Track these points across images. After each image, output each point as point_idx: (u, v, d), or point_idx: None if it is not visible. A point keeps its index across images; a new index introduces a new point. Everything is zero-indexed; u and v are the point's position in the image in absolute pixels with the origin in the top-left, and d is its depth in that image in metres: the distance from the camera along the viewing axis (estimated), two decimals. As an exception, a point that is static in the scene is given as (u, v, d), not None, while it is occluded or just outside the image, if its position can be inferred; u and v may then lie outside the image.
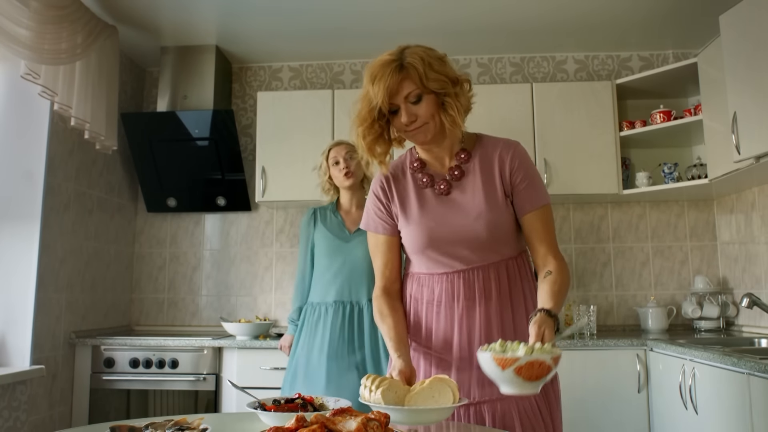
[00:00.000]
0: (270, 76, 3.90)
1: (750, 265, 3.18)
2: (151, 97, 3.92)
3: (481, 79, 3.78)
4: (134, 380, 3.08)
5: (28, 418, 2.72)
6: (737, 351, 2.31)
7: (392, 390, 1.55)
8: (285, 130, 3.43)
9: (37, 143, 2.92)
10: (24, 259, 2.84)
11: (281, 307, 3.69)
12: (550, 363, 1.34)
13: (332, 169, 2.73)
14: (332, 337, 2.64)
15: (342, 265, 2.68)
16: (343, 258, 2.69)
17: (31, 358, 2.79)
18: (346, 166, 2.71)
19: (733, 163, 2.63)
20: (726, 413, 2.20)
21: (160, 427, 1.46)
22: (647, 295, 3.54)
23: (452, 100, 1.63)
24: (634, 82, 3.37)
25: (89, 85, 2.99)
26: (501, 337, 1.64)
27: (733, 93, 2.59)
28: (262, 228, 3.78)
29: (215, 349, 3.08)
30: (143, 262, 3.82)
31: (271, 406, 1.61)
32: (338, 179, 2.74)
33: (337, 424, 1.24)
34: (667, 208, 3.61)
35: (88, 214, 3.32)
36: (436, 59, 1.65)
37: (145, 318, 3.77)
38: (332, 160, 2.73)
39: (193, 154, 3.59)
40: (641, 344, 2.88)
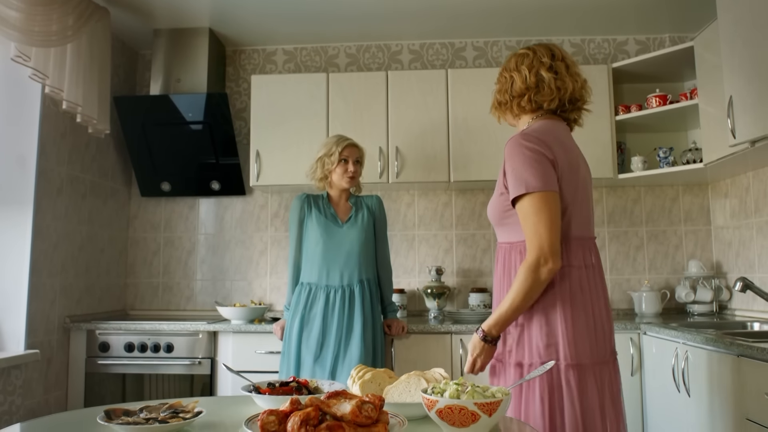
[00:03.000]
0: (264, 60, 3.87)
1: (744, 250, 3.19)
2: (144, 80, 3.89)
3: (477, 62, 3.76)
4: (129, 364, 3.09)
5: (24, 402, 2.73)
6: (730, 334, 2.33)
7: (375, 381, 1.55)
8: (279, 113, 3.41)
9: (28, 127, 2.90)
10: (17, 243, 2.83)
11: (276, 292, 3.70)
12: (475, 410, 1.22)
13: (339, 166, 2.73)
14: (326, 321, 2.66)
15: (337, 249, 2.70)
16: (339, 243, 2.71)
17: (26, 342, 2.79)
18: (354, 170, 2.77)
19: (729, 147, 2.63)
20: (718, 396, 2.22)
21: (154, 410, 1.47)
22: (641, 279, 3.55)
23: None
24: (630, 65, 3.36)
25: (81, 68, 2.96)
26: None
27: (730, 77, 2.59)
28: (256, 212, 3.77)
29: (210, 334, 3.08)
30: (137, 247, 3.81)
31: (265, 389, 1.61)
32: (341, 178, 2.75)
33: (332, 406, 1.24)
34: (662, 193, 3.62)
35: (82, 199, 3.30)
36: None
37: (140, 302, 3.77)
38: (342, 157, 2.74)
39: (187, 138, 3.57)
40: (635, 328, 2.90)
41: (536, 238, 1.64)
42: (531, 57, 1.82)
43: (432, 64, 3.78)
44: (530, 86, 1.80)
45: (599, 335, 1.69)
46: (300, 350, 2.66)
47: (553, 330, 1.66)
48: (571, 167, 1.74)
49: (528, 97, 1.81)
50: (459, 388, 1.31)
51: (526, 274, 1.64)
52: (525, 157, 1.68)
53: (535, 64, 1.81)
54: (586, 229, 1.76)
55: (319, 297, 2.69)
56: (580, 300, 1.68)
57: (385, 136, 3.36)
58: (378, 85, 3.40)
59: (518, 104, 1.84)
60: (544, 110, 1.82)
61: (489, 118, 3.29)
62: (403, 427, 1.28)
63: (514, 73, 1.84)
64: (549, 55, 1.82)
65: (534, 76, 1.80)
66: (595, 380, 1.64)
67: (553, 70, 1.80)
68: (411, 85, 3.38)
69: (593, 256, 1.75)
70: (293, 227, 2.80)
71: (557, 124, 1.82)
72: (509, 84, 1.85)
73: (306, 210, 2.78)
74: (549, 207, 1.65)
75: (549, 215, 1.65)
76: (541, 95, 1.80)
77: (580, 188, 1.76)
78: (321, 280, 2.71)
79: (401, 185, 3.47)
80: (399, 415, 1.34)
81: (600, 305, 1.72)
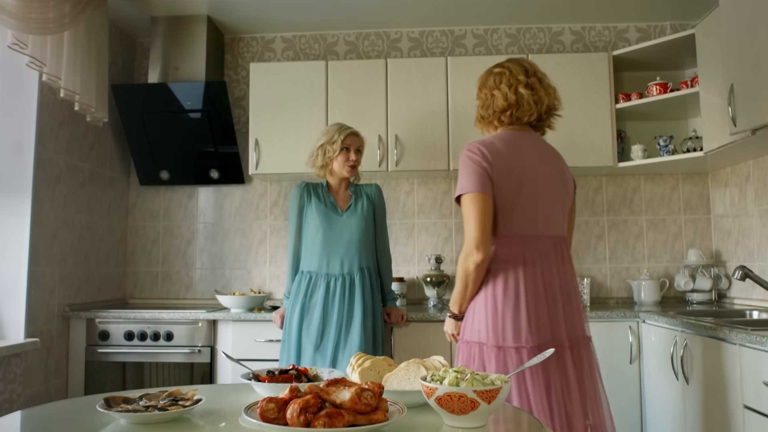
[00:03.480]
0: (263, 47, 3.85)
1: (743, 238, 3.19)
2: (142, 68, 3.87)
3: (477, 50, 3.74)
4: (129, 353, 3.09)
5: (24, 390, 2.73)
6: (729, 323, 2.33)
7: (374, 369, 1.56)
8: (278, 101, 3.40)
9: (26, 115, 2.88)
10: (16, 232, 2.83)
11: (276, 280, 3.70)
12: (474, 397, 1.24)
13: (340, 154, 2.72)
14: (326, 310, 2.66)
15: (337, 238, 2.70)
16: (338, 231, 2.71)
17: (26, 331, 2.80)
18: (356, 159, 2.77)
19: (729, 135, 2.62)
20: (717, 384, 2.23)
21: (154, 398, 1.47)
22: (640, 267, 3.56)
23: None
24: (630, 53, 3.34)
25: (78, 56, 2.94)
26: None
27: (731, 65, 2.57)
28: (256, 201, 3.77)
29: (210, 322, 3.09)
30: (137, 236, 3.81)
31: (265, 377, 1.61)
32: (342, 166, 2.75)
33: (331, 394, 1.24)
34: (661, 181, 3.61)
35: (80, 188, 3.29)
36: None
37: (140, 291, 3.77)
38: (344, 146, 2.73)
39: (186, 127, 3.56)
40: (634, 316, 2.90)
41: (467, 233, 1.90)
42: (508, 75, 2.01)
43: (432, 52, 3.76)
44: (512, 103, 2.00)
45: (531, 324, 1.85)
46: (300, 339, 2.66)
47: (479, 314, 1.91)
48: (512, 172, 1.92)
49: (510, 113, 2.01)
50: (458, 376, 1.31)
51: (460, 263, 1.93)
52: (464, 164, 1.94)
53: (513, 82, 2.00)
54: (531, 228, 1.93)
55: (319, 285, 2.69)
56: (507, 291, 1.88)
57: (385, 125, 3.34)
58: (377, 73, 3.38)
59: (499, 119, 2.04)
60: (523, 123, 2.04)
61: (489, 107, 3.30)
62: (402, 414, 1.28)
63: (495, 91, 2.02)
64: (523, 72, 2.02)
65: (513, 93, 1.99)
66: (518, 362, 1.81)
67: (529, 86, 2.00)
68: (410, 73, 3.36)
69: (536, 252, 1.92)
70: (293, 216, 2.80)
71: (519, 134, 2.02)
72: (491, 101, 2.04)
73: (305, 198, 2.77)
74: (477, 207, 1.89)
75: (477, 214, 1.89)
76: (521, 111, 2.00)
77: (525, 190, 1.93)
78: (321, 269, 2.71)
79: (400, 173, 3.46)
80: (398, 402, 1.35)
81: (538, 298, 1.88)
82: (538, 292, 1.89)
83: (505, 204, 1.92)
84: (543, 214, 1.95)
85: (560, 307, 1.91)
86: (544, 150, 2.04)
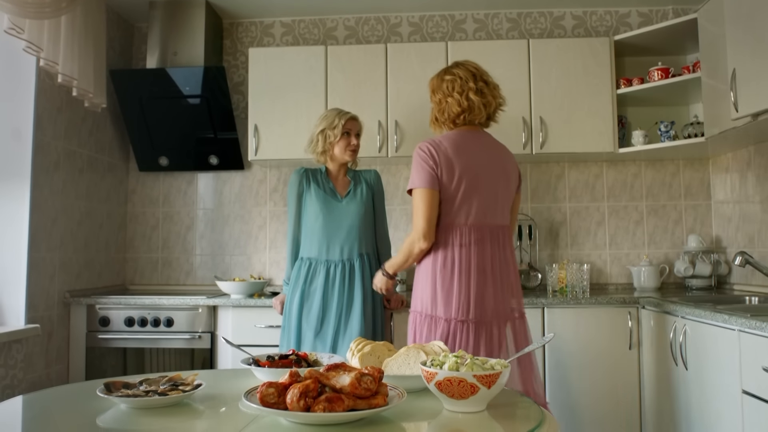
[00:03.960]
0: (261, 32, 3.82)
1: (743, 224, 3.19)
2: (141, 53, 3.84)
3: (477, 35, 3.71)
4: (130, 338, 3.10)
5: (25, 376, 2.74)
6: (728, 308, 2.33)
7: (374, 354, 1.56)
8: (277, 87, 3.38)
9: (24, 101, 2.87)
10: (15, 218, 2.82)
11: (275, 266, 3.70)
12: (474, 382, 1.25)
13: (342, 139, 2.71)
14: (326, 296, 2.66)
15: (337, 223, 2.70)
16: (338, 217, 2.70)
17: (26, 317, 2.80)
18: (357, 144, 2.76)
19: (731, 120, 2.60)
20: (716, 370, 2.24)
21: (154, 383, 1.47)
22: (640, 253, 3.56)
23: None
24: (632, 38, 3.31)
25: (76, 41, 2.92)
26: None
27: (733, 49, 2.55)
28: (255, 187, 3.76)
29: (210, 308, 3.09)
30: (136, 222, 3.81)
31: (265, 362, 1.62)
32: (343, 151, 2.73)
33: (331, 378, 1.24)
34: (662, 167, 3.60)
35: (79, 174, 3.28)
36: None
37: (140, 277, 3.78)
38: (345, 130, 2.72)
39: (185, 112, 3.54)
40: (633, 302, 2.91)
41: (415, 223, 2.18)
42: (460, 82, 2.24)
43: (432, 37, 3.73)
44: (464, 108, 2.23)
45: (461, 299, 2.13)
46: (300, 325, 2.67)
47: (422, 289, 2.21)
48: (455, 170, 2.17)
49: (463, 117, 2.25)
50: (458, 361, 1.32)
51: (406, 245, 2.23)
52: (415, 161, 2.21)
53: (464, 89, 2.23)
54: (470, 218, 2.19)
55: (319, 272, 2.69)
56: (445, 271, 2.16)
57: (384, 110, 3.33)
58: (377, 58, 3.36)
59: (453, 122, 2.28)
60: (474, 124, 2.28)
61: (489, 92, 3.28)
62: (402, 399, 1.29)
63: (449, 98, 2.25)
64: (472, 78, 2.25)
65: (465, 99, 2.22)
66: (446, 331, 2.12)
67: (479, 92, 2.24)
68: (410, 58, 3.34)
69: (473, 239, 2.18)
70: (292, 202, 2.79)
71: (467, 134, 2.26)
72: (446, 106, 2.26)
73: (305, 184, 2.76)
74: (425, 201, 2.16)
75: (424, 208, 2.16)
76: (473, 115, 2.25)
77: (466, 186, 2.18)
78: (321, 255, 2.71)
79: (400, 159, 3.45)
80: (398, 387, 1.35)
81: (470, 278, 2.15)
82: (470, 273, 2.15)
83: (448, 198, 2.19)
84: (482, 206, 2.21)
85: (492, 287, 2.18)
86: (490, 148, 2.29)
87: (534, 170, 3.64)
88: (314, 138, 2.76)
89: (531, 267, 3.48)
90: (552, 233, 3.61)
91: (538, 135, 3.26)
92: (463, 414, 1.30)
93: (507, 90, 3.32)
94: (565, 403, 2.89)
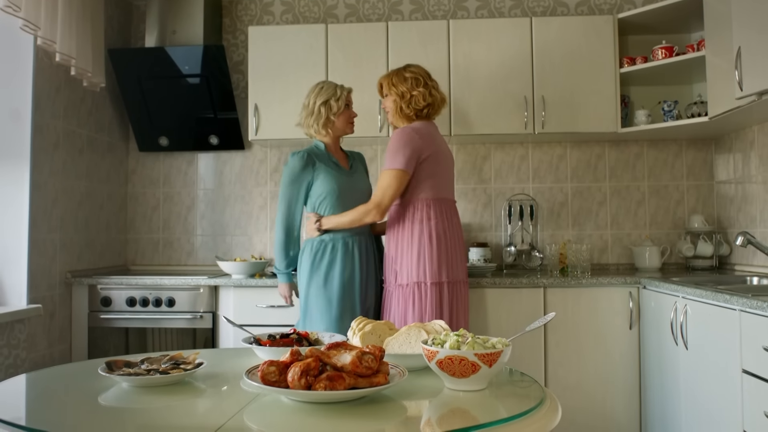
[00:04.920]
0: (261, 10, 3.78)
1: (746, 205, 3.18)
2: (139, 32, 3.80)
3: (479, 13, 3.67)
4: (132, 318, 3.11)
5: (28, 355, 2.76)
6: (730, 288, 2.33)
7: (375, 333, 1.56)
8: (277, 66, 3.35)
9: (22, 81, 2.84)
10: (15, 199, 2.81)
11: (276, 247, 3.70)
12: (475, 360, 1.25)
13: (345, 111, 2.66)
14: (350, 271, 2.61)
15: (351, 196, 2.65)
16: (350, 189, 2.67)
17: (28, 297, 2.81)
18: (355, 115, 2.72)
19: (735, 99, 2.58)
20: (716, 349, 2.24)
21: (155, 361, 1.47)
22: (642, 233, 3.55)
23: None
24: (636, 16, 3.27)
25: (73, 19, 2.88)
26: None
27: (739, 27, 2.52)
28: (256, 167, 3.74)
29: (211, 288, 3.10)
30: (137, 202, 3.80)
31: (266, 341, 1.62)
32: (345, 124, 2.68)
33: (332, 357, 1.24)
34: (665, 147, 3.58)
35: (79, 154, 3.27)
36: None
37: (141, 258, 3.78)
38: (345, 103, 2.66)
39: (184, 92, 3.51)
40: (634, 282, 2.91)
41: (379, 197, 2.52)
42: (422, 80, 2.62)
43: (433, 15, 3.69)
44: (429, 103, 2.62)
45: (432, 261, 2.50)
46: (343, 302, 2.57)
47: (407, 259, 2.53)
48: (431, 154, 2.56)
49: (427, 110, 2.63)
50: (459, 339, 1.32)
51: (360, 211, 2.55)
52: (402, 142, 2.51)
53: (427, 86, 2.62)
54: (441, 193, 2.59)
55: (338, 248, 2.61)
56: (421, 237, 2.52)
57: (386, 90, 3.30)
58: (378, 37, 3.32)
59: (416, 115, 2.62)
60: (430, 118, 2.69)
61: (491, 71, 3.26)
62: (403, 377, 1.29)
63: (414, 92, 2.59)
64: (428, 78, 2.66)
65: (429, 95, 2.62)
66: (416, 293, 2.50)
67: (436, 90, 2.67)
68: (412, 37, 3.31)
69: (443, 211, 2.57)
70: (293, 188, 2.64)
71: (430, 125, 2.67)
72: (410, 100, 2.60)
73: (310, 169, 2.63)
74: (398, 182, 2.50)
75: (395, 187, 2.51)
76: (434, 109, 2.67)
77: (439, 167, 2.59)
78: (337, 231, 2.62)
79: (402, 140, 3.42)
80: (399, 366, 1.35)
81: (447, 245, 2.54)
82: (446, 240, 2.54)
83: (427, 177, 2.55)
84: (445, 184, 2.62)
85: (460, 252, 2.61)
86: (442, 137, 2.73)
87: (536, 150, 3.62)
88: (314, 110, 2.64)
89: (532, 247, 3.48)
90: (553, 213, 3.60)
91: (540, 114, 3.23)
92: (464, 392, 1.31)
93: (509, 69, 3.31)
94: (565, 383, 2.90)
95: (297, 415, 1.19)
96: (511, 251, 3.47)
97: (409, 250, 2.53)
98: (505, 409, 1.28)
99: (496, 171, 3.64)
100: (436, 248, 2.51)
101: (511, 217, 3.56)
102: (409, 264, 2.52)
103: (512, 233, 3.54)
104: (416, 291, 2.51)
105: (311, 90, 2.70)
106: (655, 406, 2.77)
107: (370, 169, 3.66)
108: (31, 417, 1.28)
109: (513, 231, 3.55)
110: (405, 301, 2.53)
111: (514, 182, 3.62)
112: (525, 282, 2.94)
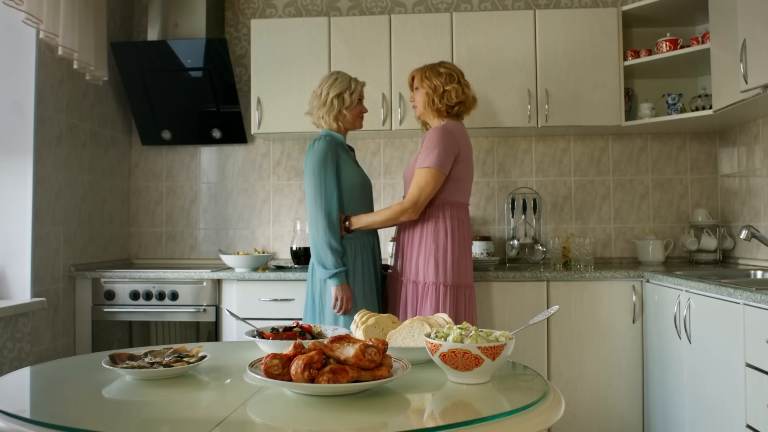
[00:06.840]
0: (264, 3, 3.77)
1: (750, 198, 3.17)
2: (142, 25, 3.79)
3: (483, 5, 3.65)
4: (135, 312, 3.12)
5: (32, 348, 2.77)
6: (733, 282, 2.32)
7: (378, 327, 1.56)
8: (280, 59, 3.34)
9: (25, 74, 2.84)
10: (19, 192, 2.82)
11: (279, 240, 3.70)
12: (479, 354, 1.24)
13: (357, 105, 2.60)
14: (374, 267, 2.61)
15: (369, 190, 2.66)
16: (367, 183, 2.66)
17: (32, 290, 2.81)
18: (366, 110, 2.67)
19: (740, 92, 2.56)
20: (720, 343, 2.24)
21: (159, 354, 1.48)
22: (645, 227, 3.54)
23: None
24: (640, 8, 3.25)
25: (75, 13, 2.88)
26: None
27: (744, 20, 2.50)
28: (258, 160, 3.74)
29: (214, 281, 3.10)
30: (140, 196, 3.80)
31: (269, 334, 1.62)
32: (356, 118, 2.62)
33: (335, 350, 1.24)
34: (669, 140, 3.57)
35: (82, 148, 3.27)
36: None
37: (144, 251, 3.79)
38: (358, 97, 2.60)
39: (187, 85, 3.51)
40: (638, 276, 2.90)
41: (416, 196, 2.44)
42: (456, 77, 2.57)
43: (436, 8, 3.67)
44: (462, 100, 2.57)
45: (452, 264, 2.47)
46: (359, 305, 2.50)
47: (424, 258, 2.49)
48: (466, 156, 2.54)
49: (458, 108, 2.58)
50: (462, 333, 1.31)
51: (392, 211, 2.48)
52: (445, 141, 2.45)
53: (461, 83, 2.57)
54: (466, 198, 2.60)
55: (365, 244, 2.57)
56: (453, 242, 2.48)
57: (388, 83, 3.29)
58: (381, 30, 3.31)
59: (447, 112, 2.57)
60: (461, 116, 2.63)
61: (494, 64, 3.25)
62: (406, 370, 1.29)
63: (448, 87, 2.54)
64: (461, 76, 2.60)
65: (462, 93, 2.56)
66: (433, 294, 2.45)
67: (468, 88, 2.60)
68: (415, 30, 3.29)
69: (465, 215, 2.57)
70: (326, 171, 2.46)
71: (461, 125, 2.61)
72: (443, 95, 2.54)
73: (337, 153, 2.51)
74: (436, 181, 2.45)
75: (432, 187, 2.45)
76: (465, 107, 2.61)
77: (468, 172, 2.57)
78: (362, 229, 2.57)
79: (404, 132, 3.42)
80: (402, 359, 1.35)
81: (457, 245, 2.49)
82: (465, 242, 2.54)
83: (456, 179, 2.52)
84: (468, 188, 2.62)
85: (470, 255, 2.60)
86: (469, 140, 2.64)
87: (539, 143, 3.61)
88: (327, 102, 2.55)
89: (535, 240, 3.47)
90: (557, 207, 3.59)
91: (543, 107, 3.22)
92: (467, 385, 1.31)
93: (512, 62, 3.30)
94: (568, 376, 2.91)
95: (300, 408, 1.19)
96: (515, 245, 3.46)
97: (431, 249, 2.48)
98: (509, 402, 1.28)
99: (499, 164, 3.63)
100: (458, 251, 2.49)
101: (515, 210, 3.55)
102: (426, 263, 2.48)
103: (515, 227, 3.54)
104: (433, 291, 2.46)
105: (324, 79, 2.61)
106: (658, 400, 2.76)
107: (373, 162, 3.67)
108: (35, 410, 1.29)
109: (516, 224, 3.54)
110: (421, 300, 2.48)
111: (518, 175, 3.62)
112: (528, 276, 2.94)
